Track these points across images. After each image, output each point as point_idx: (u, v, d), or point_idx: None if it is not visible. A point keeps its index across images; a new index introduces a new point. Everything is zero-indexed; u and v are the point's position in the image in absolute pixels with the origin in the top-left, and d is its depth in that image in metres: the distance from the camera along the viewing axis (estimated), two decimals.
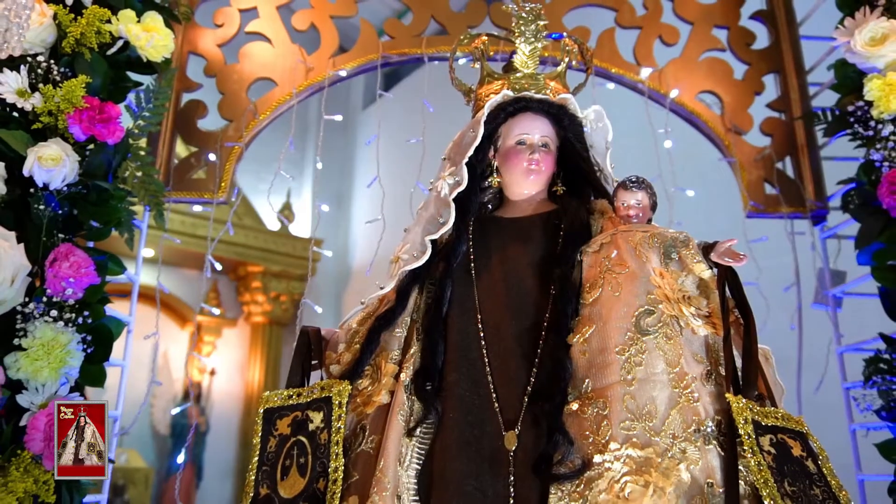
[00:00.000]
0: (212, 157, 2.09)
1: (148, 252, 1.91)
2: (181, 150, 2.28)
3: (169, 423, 7.00)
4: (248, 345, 7.80)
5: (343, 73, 2.22)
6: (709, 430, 1.09)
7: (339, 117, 2.27)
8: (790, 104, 2.30)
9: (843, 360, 2.10)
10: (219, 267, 2.00)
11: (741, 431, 1.06)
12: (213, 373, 7.50)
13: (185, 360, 7.00)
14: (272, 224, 7.66)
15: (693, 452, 1.06)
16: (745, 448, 1.05)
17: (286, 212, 7.94)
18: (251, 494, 1.29)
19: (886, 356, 1.79)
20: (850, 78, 1.96)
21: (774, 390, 1.22)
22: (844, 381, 2.07)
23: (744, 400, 1.10)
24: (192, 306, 7.18)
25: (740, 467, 1.05)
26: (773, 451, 1.06)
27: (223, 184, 2.09)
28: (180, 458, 3.19)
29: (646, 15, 2.39)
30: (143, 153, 1.88)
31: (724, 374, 1.15)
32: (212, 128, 2.18)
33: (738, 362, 1.17)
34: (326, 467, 1.23)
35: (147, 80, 1.93)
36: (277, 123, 2.26)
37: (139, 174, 1.84)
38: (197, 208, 2.19)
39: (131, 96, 1.88)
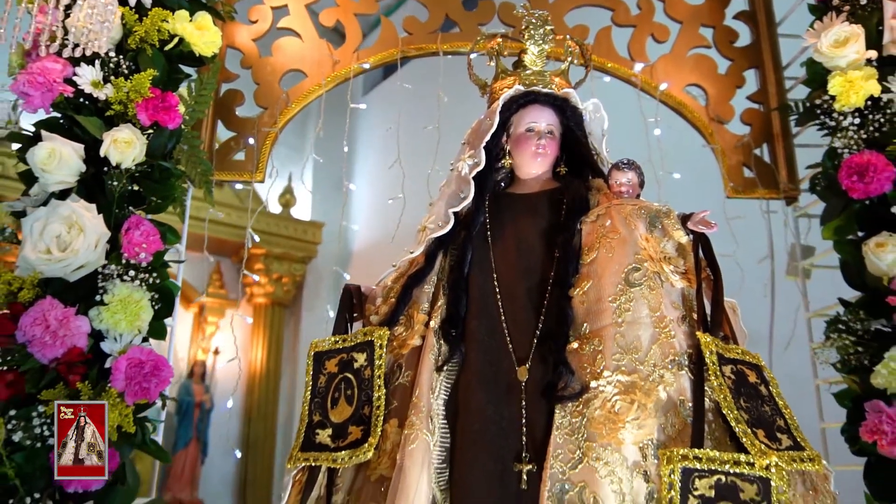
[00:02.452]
0: (251, 140, 2.33)
1: None
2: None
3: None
4: (251, 325, 8.02)
5: (367, 66, 2.47)
6: (682, 360, 1.36)
7: (363, 105, 2.51)
8: (768, 97, 2.54)
9: (809, 324, 2.38)
10: (257, 238, 2.24)
11: (707, 361, 1.33)
12: (216, 352, 7.73)
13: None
14: (274, 207, 7.88)
15: (669, 377, 1.34)
16: (710, 373, 1.32)
17: (287, 196, 8.16)
18: (306, 421, 1.55)
19: (844, 318, 2.05)
20: (818, 74, 2.18)
21: (738, 335, 1.50)
22: (811, 342, 2.35)
23: (710, 337, 1.37)
24: (196, 288, 7.40)
25: (706, 388, 1.32)
26: (732, 377, 1.33)
27: (260, 165, 2.35)
28: (229, 404, 3.45)
29: (639, 14, 2.62)
30: (191, 137, 2.13)
31: (695, 318, 1.42)
32: (249, 114, 2.43)
33: (708, 310, 1.44)
34: (371, 397, 1.50)
35: (191, 71, 2.18)
36: None
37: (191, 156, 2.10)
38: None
39: (182, 86, 2.13)
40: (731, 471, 1.21)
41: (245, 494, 7.42)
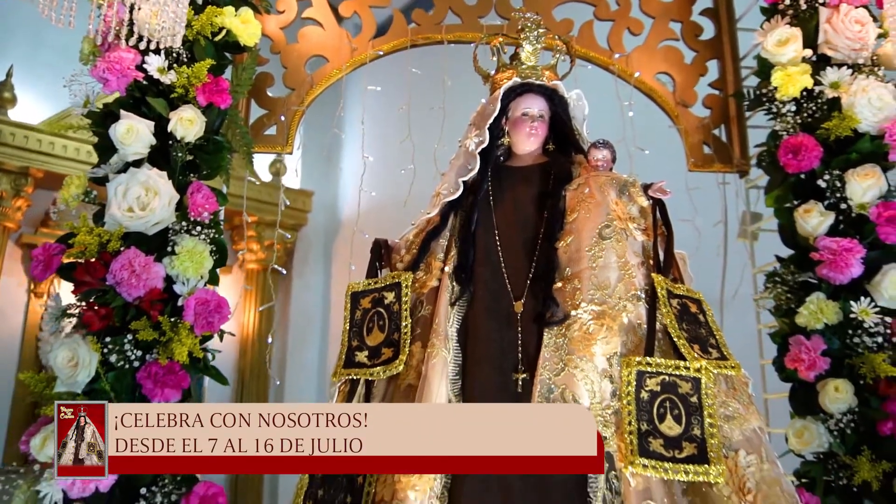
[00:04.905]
0: (283, 118, 2.70)
1: None
2: None
3: None
4: (243, 290, 8.33)
5: (381, 53, 2.83)
6: (640, 294, 1.79)
7: (378, 88, 2.88)
8: (726, 84, 2.90)
9: (755, 279, 2.82)
10: (288, 203, 2.62)
11: (659, 295, 1.76)
12: None
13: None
14: (265, 176, 8.15)
15: (630, 307, 1.76)
16: (661, 304, 1.75)
17: (278, 164, 8.43)
18: (346, 345, 1.96)
19: (780, 271, 2.48)
20: (766, 67, 2.59)
21: (685, 278, 1.93)
22: (754, 294, 2.79)
23: (662, 278, 1.80)
24: None
25: (657, 315, 1.75)
26: (678, 307, 1.77)
27: (290, 139, 2.72)
28: (269, 339, 3.86)
29: (618, 10, 2.97)
30: (235, 115, 2.50)
31: (651, 263, 1.85)
32: (278, 94, 2.79)
33: (662, 257, 1.87)
34: (399, 325, 1.91)
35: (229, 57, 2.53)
36: None
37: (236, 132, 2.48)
38: None
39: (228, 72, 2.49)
40: (673, 372, 1.65)
41: None
